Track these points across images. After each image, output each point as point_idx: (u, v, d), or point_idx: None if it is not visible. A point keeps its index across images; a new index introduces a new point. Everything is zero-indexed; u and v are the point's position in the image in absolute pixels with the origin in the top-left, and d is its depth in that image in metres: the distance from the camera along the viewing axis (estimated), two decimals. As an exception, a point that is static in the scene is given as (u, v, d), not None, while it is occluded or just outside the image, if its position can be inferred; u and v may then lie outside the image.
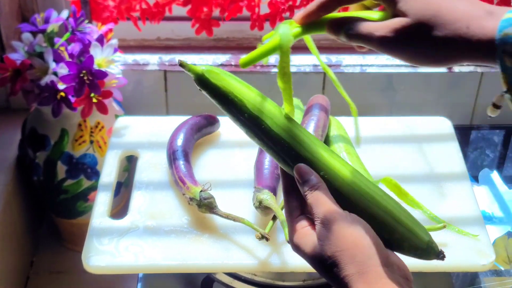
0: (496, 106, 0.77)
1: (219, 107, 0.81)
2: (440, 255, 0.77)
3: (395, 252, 0.75)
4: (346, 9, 0.80)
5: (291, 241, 0.76)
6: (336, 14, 0.77)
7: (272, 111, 0.79)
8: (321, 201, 0.74)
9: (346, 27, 0.75)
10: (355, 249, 0.70)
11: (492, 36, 0.68)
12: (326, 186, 0.75)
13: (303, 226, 0.75)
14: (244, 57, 0.77)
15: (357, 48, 0.79)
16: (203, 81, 0.79)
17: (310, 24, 0.78)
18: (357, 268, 0.69)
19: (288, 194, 0.79)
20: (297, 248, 0.75)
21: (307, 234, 0.74)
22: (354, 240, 0.71)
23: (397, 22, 0.72)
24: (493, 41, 0.67)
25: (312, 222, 0.75)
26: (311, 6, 0.77)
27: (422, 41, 0.71)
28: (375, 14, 0.76)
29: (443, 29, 0.70)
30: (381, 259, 0.70)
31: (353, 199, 0.76)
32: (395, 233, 0.75)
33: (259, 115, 0.79)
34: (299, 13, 0.78)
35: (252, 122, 0.79)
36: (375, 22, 0.74)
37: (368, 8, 0.79)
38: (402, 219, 0.76)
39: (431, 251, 0.77)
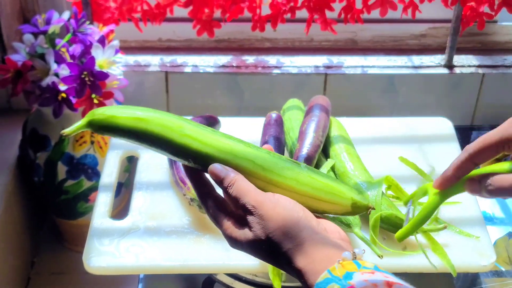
0: None
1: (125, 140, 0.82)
2: (369, 210, 0.82)
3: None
4: None
5: (227, 239, 0.79)
6: (472, 172, 0.81)
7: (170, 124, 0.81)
8: (243, 191, 0.77)
9: (484, 183, 0.79)
10: (285, 226, 0.74)
11: None
12: (243, 176, 0.79)
13: (231, 223, 0.78)
14: (399, 232, 0.84)
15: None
16: (100, 127, 0.80)
17: (448, 188, 0.83)
18: (292, 242, 0.74)
19: (206, 200, 0.81)
20: (235, 243, 0.78)
21: (237, 228, 0.78)
22: (283, 218, 0.75)
23: None
24: None
25: (237, 218, 0.78)
26: (448, 172, 0.82)
27: None
28: (505, 165, 0.79)
29: None
30: (312, 228, 0.75)
31: (267, 189, 0.79)
32: (318, 210, 0.80)
33: (169, 135, 0.80)
34: (437, 180, 0.83)
35: (165, 143, 0.81)
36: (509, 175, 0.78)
37: (497, 160, 0.83)
38: (321, 196, 0.80)
39: (357, 211, 0.82)
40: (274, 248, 0.74)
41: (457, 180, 0.82)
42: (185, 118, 0.83)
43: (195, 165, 0.81)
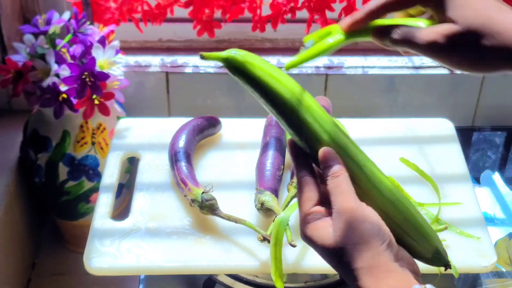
0: None
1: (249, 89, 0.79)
2: (446, 266, 0.79)
3: None
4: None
5: (303, 232, 0.76)
6: (382, 20, 0.79)
7: (310, 103, 0.78)
8: (341, 190, 0.74)
9: (392, 32, 0.77)
10: (368, 244, 0.71)
11: None
12: (348, 175, 0.76)
13: (316, 218, 0.75)
14: (291, 61, 0.78)
15: (403, 52, 0.80)
16: (234, 68, 0.78)
17: (355, 31, 0.79)
18: (367, 262, 0.71)
19: (303, 183, 0.78)
20: (309, 240, 0.75)
21: (321, 226, 0.75)
22: (369, 234, 0.72)
23: (447, 28, 0.73)
24: None
25: (326, 213, 0.75)
26: (358, 14, 0.78)
27: (470, 49, 0.73)
28: (420, 21, 0.77)
29: (491, 39, 0.72)
30: (392, 254, 0.72)
31: (373, 198, 0.76)
32: (398, 240, 0.76)
33: (296, 105, 0.78)
34: (345, 20, 0.79)
35: (288, 110, 0.78)
36: (422, 28, 0.75)
37: (412, 16, 0.80)
38: (409, 230, 0.77)
39: (435, 262, 0.79)
40: (347, 261, 0.72)
41: (365, 24, 0.78)
42: (314, 100, 0.80)
43: (303, 144, 0.78)
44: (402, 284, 0.71)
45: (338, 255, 0.73)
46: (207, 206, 1.06)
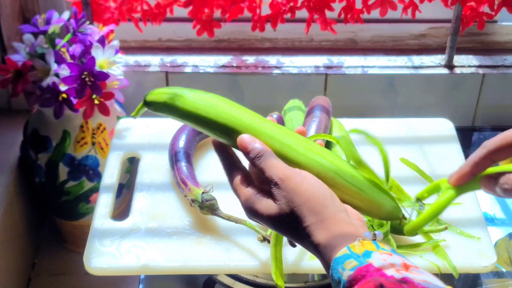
0: None
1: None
2: (401, 220, 0.82)
3: None
4: None
5: (246, 208, 0.80)
6: (490, 169, 0.78)
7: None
8: (271, 164, 0.78)
9: (500, 182, 0.76)
10: (312, 201, 0.75)
11: None
12: (271, 150, 0.79)
13: (254, 193, 0.79)
14: (409, 226, 0.82)
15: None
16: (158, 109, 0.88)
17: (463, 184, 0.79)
18: (315, 217, 0.74)
19: (231, 170, 0.82)
20: (255, 214, 0.79)
21: (262, 199, 0.78)
22: (310, 193, 0.75)
23: None
24: None
25: (260, 190, 0.79)
26: (464, 168, 0.79)
27: None
28: None
29: None
30: (337, 206, 0.75)
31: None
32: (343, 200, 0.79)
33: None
34: (453, 175, 0.80)
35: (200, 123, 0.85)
36: None
37: None
38: (360, 197, 0.80)
39: (390, 220, 0.84)
40: (297, 222, 0.75)
41: (473, 177, 0.78)
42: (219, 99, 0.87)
43: (222, 139, 0.83)
44: (352, 232, 0.73)
45: (286, 220, 0.76)
46: (207, 206, 1.06)
